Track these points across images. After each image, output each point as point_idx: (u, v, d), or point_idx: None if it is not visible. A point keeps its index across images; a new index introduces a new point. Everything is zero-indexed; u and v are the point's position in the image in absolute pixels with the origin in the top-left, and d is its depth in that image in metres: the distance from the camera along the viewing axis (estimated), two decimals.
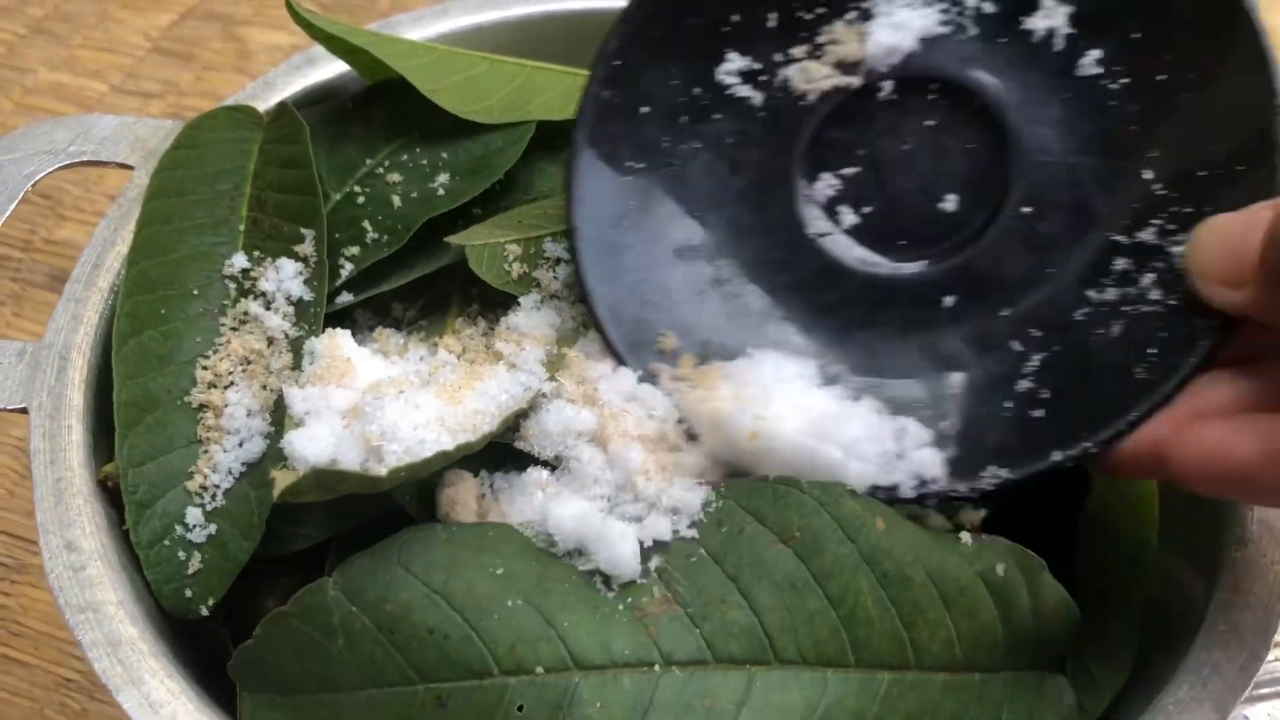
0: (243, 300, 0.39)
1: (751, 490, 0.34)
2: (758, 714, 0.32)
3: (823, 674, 0.33)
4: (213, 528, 0.36)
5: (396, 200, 0.42)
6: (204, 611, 0.36)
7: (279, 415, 0.38)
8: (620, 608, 0.32)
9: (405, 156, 0.43)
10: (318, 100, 0.48)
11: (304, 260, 0.40)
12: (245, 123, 0.44)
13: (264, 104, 0.46)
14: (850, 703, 0.33)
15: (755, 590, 0.33)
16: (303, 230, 0.40)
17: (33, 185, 0.43)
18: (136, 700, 0.33)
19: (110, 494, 0.38)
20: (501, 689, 0.31)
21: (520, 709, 0.31)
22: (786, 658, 0.33)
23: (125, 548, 0.37)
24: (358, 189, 0.43)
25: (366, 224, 0.42)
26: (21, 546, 0.59)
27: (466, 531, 0.34)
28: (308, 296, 0.40)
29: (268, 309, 0.39)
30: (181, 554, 0.36)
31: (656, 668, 0.32)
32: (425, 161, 0.43)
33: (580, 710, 0.31)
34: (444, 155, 0.43)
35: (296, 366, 0.39)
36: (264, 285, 0.40)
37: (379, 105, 0.44)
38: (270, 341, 0.39)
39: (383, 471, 0.32)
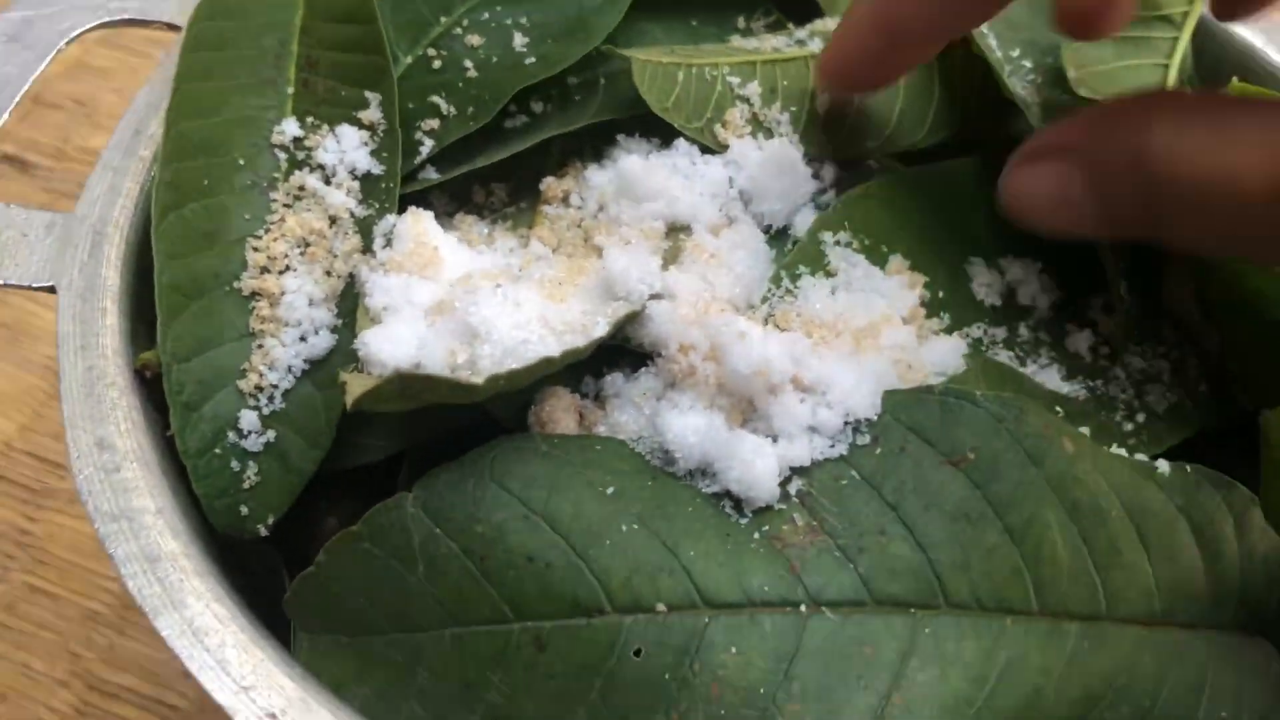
0: (297, 172, 0.33)
1: (915, 402, 0.28)
2: (926, 665, 0.26)
3: (1002, 621, 0.27)
4: (271, 434, 0.31)
5: (478, 67, 0.36)
6: (262, 531, 0.31)
7: (347, 306, 0.32)
8: (756, 536, 0.27)
9: (486, 15, 0.37)
10: None
11: (370, 128, 0.34)
12: None
13: None
14: (1035, 658, 0.27)
15: (921, 520, 0.27)
16: (367, 94, 0.34)
17: (67, 43, 0.37)
18: (178, 626, 0.27)
19: (150, 386, 0.32)
20: (615, 629, 0.26)
21: (638, 654, 0.25)
22: (959, 601, 0.27)
23: (168, 450, 0.31)
24: (431, 52, 0.36)
25: (444, 93, 0.36)
26: (48, 470, 0.54)
27: (571, 444, 0.28)
28: (376, 170, 0.34)
29: (327, 183, 0.33)
30: (235, 464, 0.30)
31: (803, 608, 0.26)
32: (509, 21, 0.37)
33: (712, 656, 0.25)
34: (532, 13, 0.37)
35: (367, 250, 0.33)
36: (322, 156, 0.33)
37: None
38: (333, 221, 0.33)
39: (479, 380, 0.26)
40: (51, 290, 0.32)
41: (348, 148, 0.34)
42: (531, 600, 0.26)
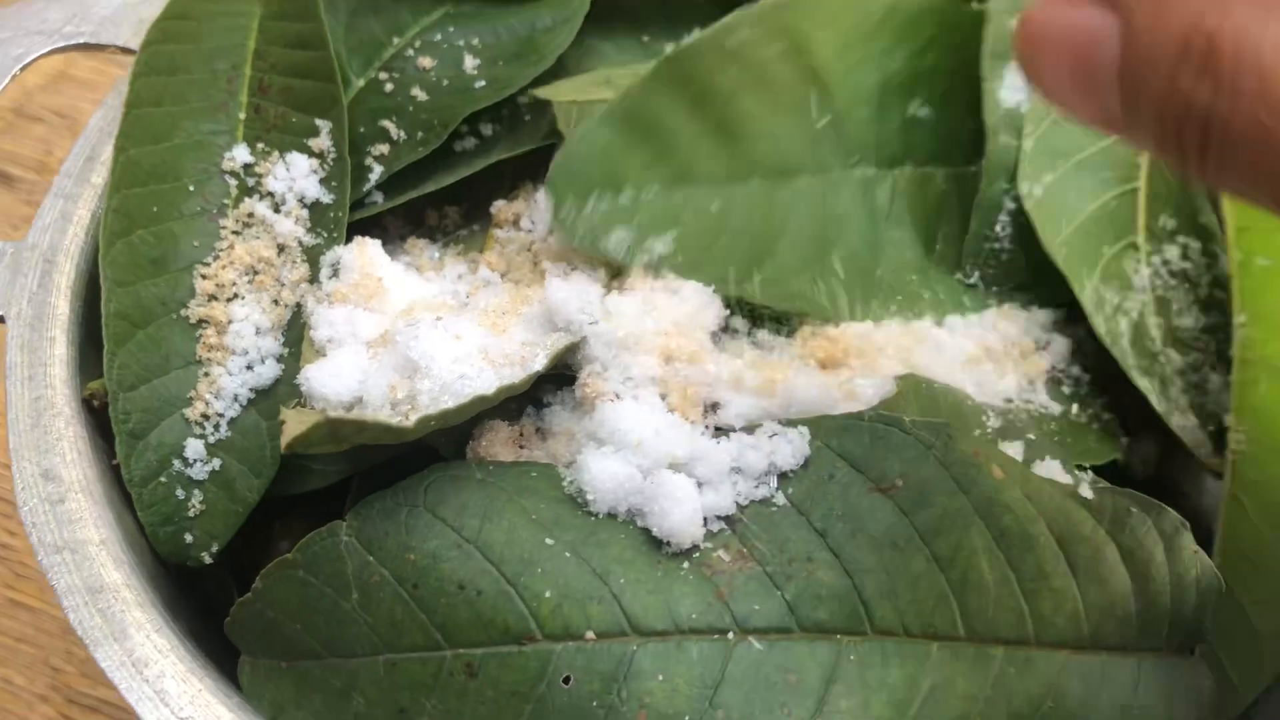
0: (246, 200, 0.33)
1: (844, 429, 0.28)
2: (850, 692, 0.26)
3: (927, 648, 0.27)
4: (216, 463, 0.31)
5: (429, 91, 0.36)
6: (207, 559, 0.31)
7: (294, 335, 0.32)
8: (686, 564, 0.27)
9: (438, 36, 0.37)
10: None
11: (320, 156, 0.34)
12: None
13: None
14: (960, 684, 0.27)
15: (848, 547, 0.27)
16: (317, 122, 0.34)
17: (21, 69, 0.37)
18: (117, 657, 0.27)
19: (97, 417, 0.32)
20: (545, 656, 0.26)
21: (566, 681, 0.26)
22: (885, 627, 0.27)
23: (113, 480, 0.31)
24: (383, 75, 0.36)
25: (394, 118, 0.36)
26: None
27: (506, 472, 0.28)
28: (326, 199, 0.34)
29: (276, 211, 0.33)
30: (180, 492, 0.31)
31: (730, 635, 0.26)
32: (461, 42, 0.37)
33: (639, 684, 0.26)
34: (483, 35, 0.36)
35: (314, 280, 0.33)
36: (272, 184, 0.33)
37: None
38: (281, 249, 0.33)
39: (409, 423, 0.26)
40: (1, 320, 0.32)
41: (297, 175, 0.34)
42: (463, 627, 0.26)
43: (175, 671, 0.27)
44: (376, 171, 0.35)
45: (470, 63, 0.36)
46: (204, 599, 0.33)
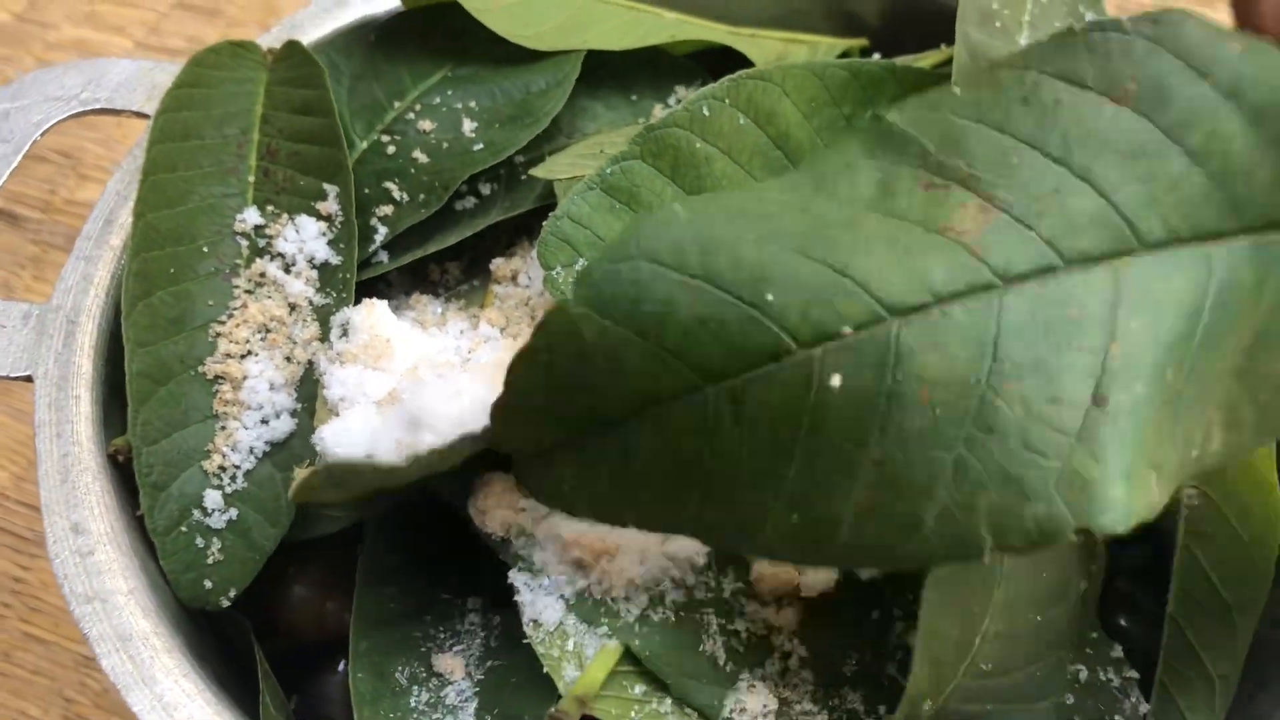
0: (258, 260, 0.35)
1: (1057, 49, 0.26)
2: (1138, 312, 0.24)
3: (1204, 250, 0.25)
4: (233, 512, 0.33)
5: (429, 153, 0.38)
6: (225, 604, 0.33)
7: (307, 391, 0.34)
8: (928, 230, 0.25)
9: (437, 99, 0.39)
10: None
11: (328, 219, 0.36)
12: (247, 60, 0.39)
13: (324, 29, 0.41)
14: (1245, 275, 0.25)
15: (1095, 167, 0.25)
16: (325, 186, 0.36)
17: (42, 134, 0.38)
18: (148, 701, 0.29)
19: (122, 470, 0.34)
20: (807, 364, 0.24)
21: (837, 383, 0.24)
22: (1154, 239, 0.25)
23: (138, 531, 0.33)
24: (385, 138, 0.38)
25: (397, 179, 0.38)
26: (41, 519, 0.55)
27: (708, 202, 0.27)
28: (334, 260, 0.35)
29: (287, 272, 0.35)
30: (200, 541, 0.32)
31: (994, 289, 0.24)
32: (460, 105, 0.39)
33: (912, 361, 0.24)
34: (480, 98, 0.38)
35: (324, 338, 0.34)
36: (282, 245, 0.35)
37: (408, 37, 0.40)
38: (292, 308, 0.35)
39: (401, 463, 0.28)
40: (29, 380, 0.34)
41: (306, 237, 0.35)
42: (718, 360, 0.25)
43: (203, 713, 0.29)
44: (381, 232, 0.37)
45: (468, 125, 0.38)
46: (222, 640, 0.35)
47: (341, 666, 0.37)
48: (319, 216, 0.36)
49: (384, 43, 0.40)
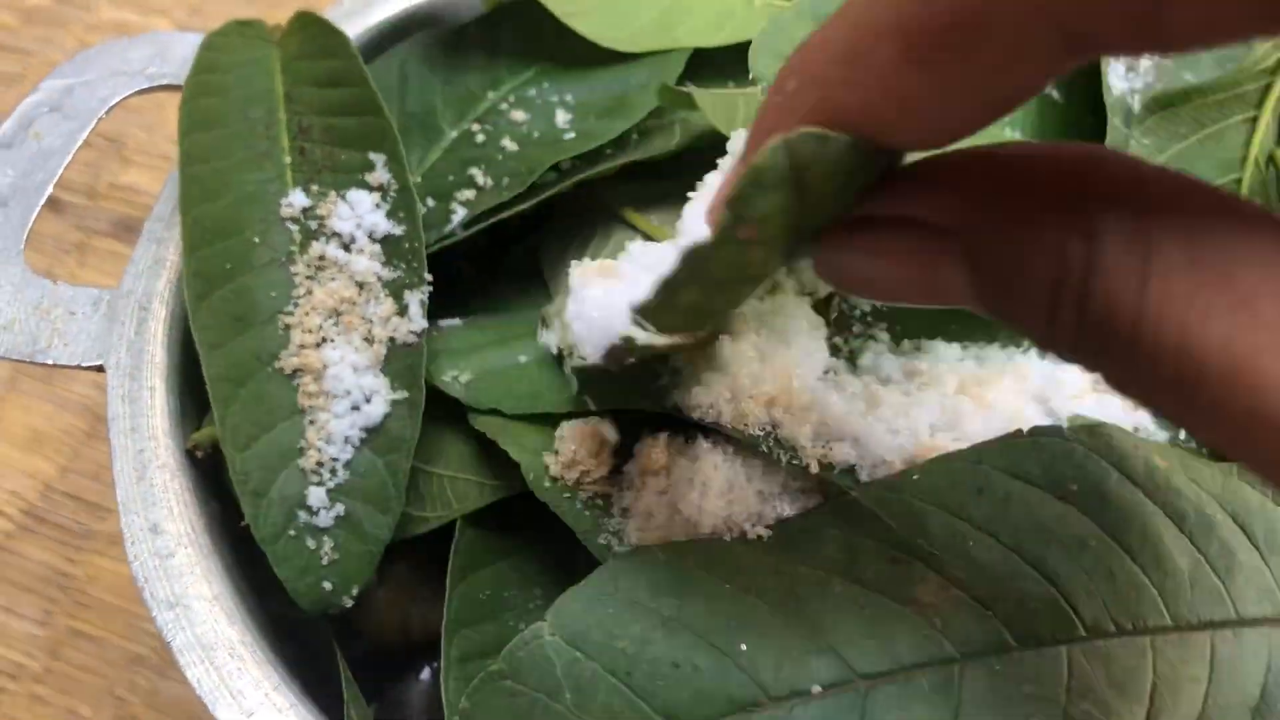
0: (314, 243, 0.33)
1: (1007, 449, 0.28)
2: (1087, 692, 0.26)
3: (1142, 642, 0.27)
4: (340, 508, 0.30)
5: (519, 142, 0.36)
6: (348, 603, 0.31)
7: (395, 368, 0.32)
8: (892, 603, 0.27)
9: (533, 91, 0.37)
10: (421, 25, 0.41)
11: (381, 190, 0.33)
12: (255, 38, 0.36)
13: (359, 26, 0.39)
14: (1184, 671, 0.27)
15: (1045, 557, 0.27)
16: (371, 156, 0.34)
17: (108, 111, 0.36)
18: (236, 717, 0.27)
19: (200, 467, 0.31)
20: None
21: None
22: (1097, 627, 0.27)
23: (219, 532, 0.31)
24: (475, 127, 0.36)
25: (483, 166, 0.36)
26: (88, 510, 0.54)
27: (685, 549, 0.28)
28: (396, 231, 0.33)
29: (347, 250, 0.33)
30: (311, 542, 0.30)
31: (955, 664, 0.26)
32: (555, 98, 0.37)
33: None
34: (577, 91, 0.37)
35: (402, 314, 0.32)
36: (336, 225, 0.33)
37: (504, 30, 0.38)
38: (361, 286, 0.32)
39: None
40: (100, 369, 0.32)
41: (362, 212, 0.33)
42: (687, 706, 0.25)
43: None
44: (460, 214, 0.35)
45: (562, 117, 0.36)
46: (304, 648, 0.33)
47: (425, 673, 0.35)
48: (370, 188, 0.33)
49: (481, 35, 0.38)
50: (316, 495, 0.30)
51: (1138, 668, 0.26)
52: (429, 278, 0.32)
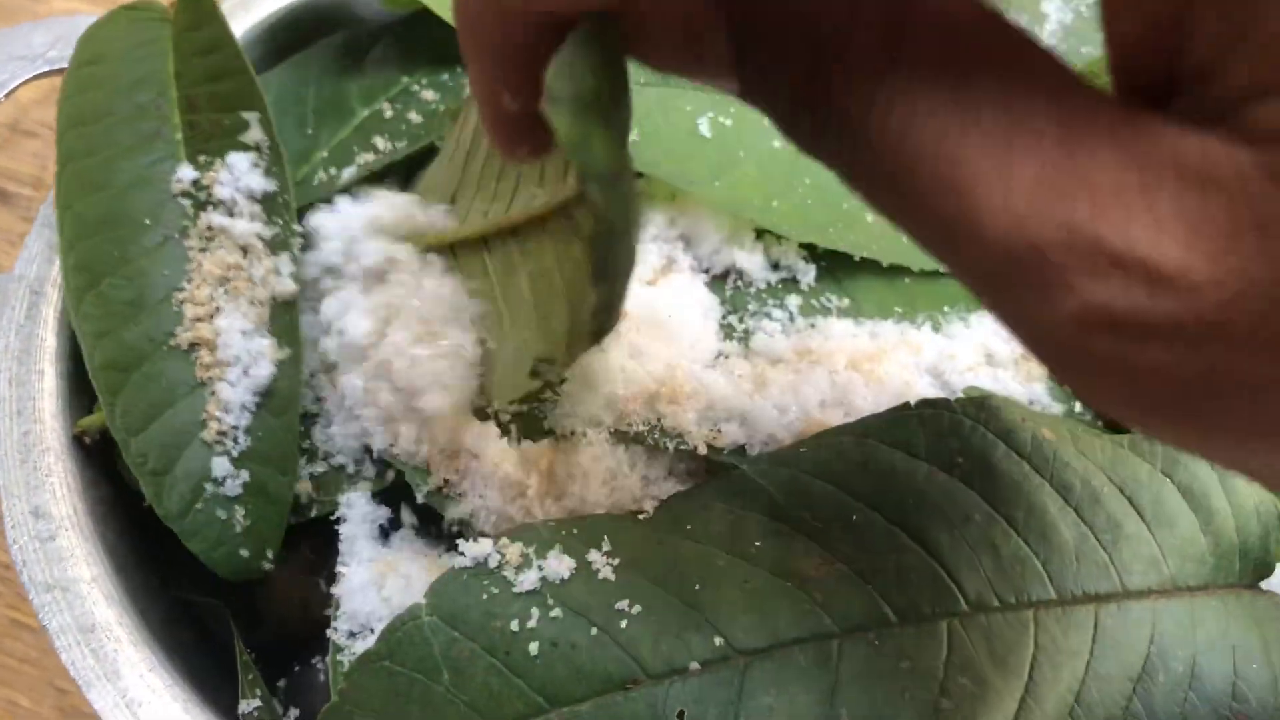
0: (203, 214, 0.33)
1: (893, 422, 0.28)
2: (967, 666, 0.26)
3: (1025, 615, 0.27)
4: (245, 474, 0.31)
5: (425, 115, 0.36)
6: (267, 566, 0.31)
7: (279, 326, 0.32)
8: (773, 576, 0.26)
9: (446, 75, 0.37)
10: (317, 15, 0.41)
11: (255, 148, 0.33)
12: (148, 20, 0.36)
13: (245, 22, 0.39)
14: (1065, 644, 0.27)
15: (927, 530, 0.27)
16: (244, 115, 0.33)
17: (6, 95, 0.36)
18: (110, 698, 0.26)
19: (87, 451, 0.31)
20: (654, 697, 0.25)
21: (681, 716, 0.25)
22: (979, 602, 0.26)
23: (103, 515, 0.30)
24: (387, 105, 0.37)
25: (387, 135, 0.36)
26: None
27: (570, 523, 0.28)
28: (270, 187, 0.33)
29: (231, 216, 0.33)
30: (221, 513, 0.30)
31: (834, 639, 0.26)
32: (465, 80, 0.37)
33: (756, 702, 0.25)
34: None
35: (279, 271, 0.32)
36: (220, 191, 0.33)
37: (422, 33, 0.38)
38: (245, 250, 0.32)
39: None
40: None
41: (240, 173, 0.33)
42: (564, 684, 0.25)
43: (169, 712, 0.26)
44: (350, 172, 0.35)
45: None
46: (200, 631, 0.33)
47: None
48: (246, 148, 0.33)
49: (403, 35, 0.38)
50: (221, 465, 0.30)
51: (1019, 641, 0.26)
52: (299, 229, 0.32)
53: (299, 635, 0.34)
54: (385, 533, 0.31)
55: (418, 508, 0.31)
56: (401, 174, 0.36)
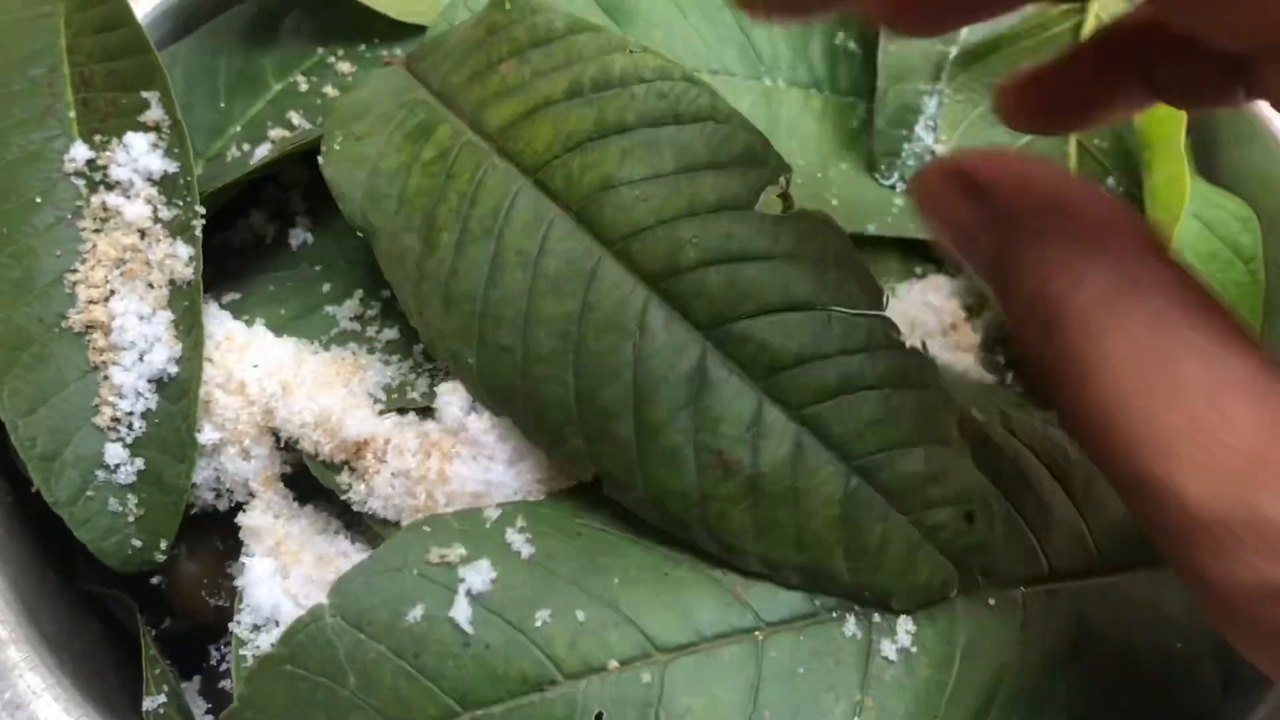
0: (95, 195, 0.31)
1: None
2: (891, 663, 0.25)
3: (951, 604, 0.26)
4: (139, 462, 0.29)
5: (342, 89, 0.35)
6: (160, 558, 0.29)
7: (181, 309, 0.30)
8: (695, 570, 0.25)
9: (362, 46, 0.36)
10: None
11: (155, 129, 0.32)
12: None
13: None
14: (992, 630, 0.26)
15: None
16: (144, 94, 0.32)
17: None
18: None
19: None
20: (570, 698, 0.24)
21: (599, 718, 0.24)
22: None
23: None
24: (301, 79, 0.35)
25: (302, 110, 0.35)
26: None
27: (479, 517, 0.26)
28: (172, 168, 0.31)
29: (127, 197, 0.31)
30: (114, 502, 0.29)
31: (757, 634, 0.25)
32: (385, 52, 0.36)
33: (676, 702, 0.24)
34: (407, 46, 0.36)
35: (178, 254, 0.31)
36: (115, 172, 0.31)
37: (330, 5, 0.36)
38: (143, 233, 0.31)
39: None
40: None
41: (138, 154, 0.31)
42: (477, 686, 0.24)
43: (49, 713, 0.25)
44: (263, 150, 0.34)
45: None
46: (109, 628, 0.32)
47: None
48: (145, 128, 0.32)
49: (312, 6, 0.37)
50: (114, 452, 0.29)
51: (947, 632, 0.25)
52: (201, 210, 0.31)
53: (210, 628, 0.32)
54: (290, 519, 0.30)
55: (324, 492, 0.29)
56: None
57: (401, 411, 0.29)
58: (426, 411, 0.29)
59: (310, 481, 0.30)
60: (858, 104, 0.34)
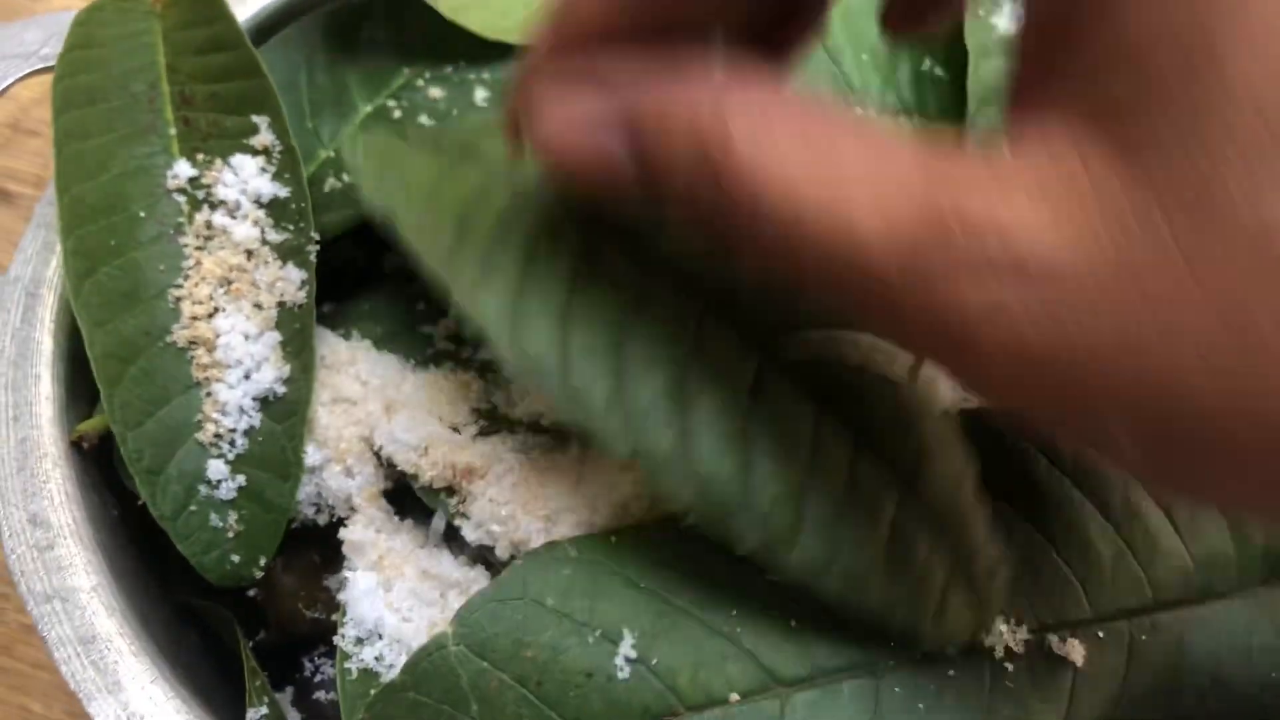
0: (199, 213, 0.32)
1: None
2: (1012, 700, 0.25)
3: (1066, 637, 0.26)
4: (241, 479, 0.30)
5: (436, 118, 0.35)
6: (258, 574, 0.30)
7: (286, 331, 0.31)
8: (814, 604, 0.25)
9: (449, 69, 0.36)
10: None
11: (265, 153, 0.32)
12: (134, 12, 0.35)
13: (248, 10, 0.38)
14: (1105, 663, 0.26)
15: None
16: (254, 119, 0.32)
17: (1, 91, 0.35)
18: (112, 711, 0.26)
19: (85, 457, 0.30)
20: None
21: None
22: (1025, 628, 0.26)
23: (103, 522, 0.30)
24: (391, 103, 0.35)
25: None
26: None
27: (598, 545, 0.26)
28: (282, 193, 0.32)
29: (233, 217, 0.32)
30: (215, 517, 0.29)
31: (875, 670, 0.25)
32: (472, 76, 0.36)
33: None
34: (495, 71, 0.36)
35: (289, 277, 0.31)
36: (222, 192, 0.32)
37: (411, 14, 0.36)
38: (250, 254, 0.31)
39: None
40: None
41: (247, 177, 0.32)
42: (600, 717, 0.24)
43: None
44: None
45: (481, 94, 0.35)
46: (205, 637, 0.32)
47: None
48: (254, 152, 0.32)
49: (391, 13, 0.37)
50: (216, 468, 0.29)
51: (1060, 665, 0.25)
52: (316, 236, 0.31)
53: (305, 639, 0.33)
54: (391, 534, 0.30)
55: (422, 505, 0.30)
56: None
57: (496, 432, 0.30)
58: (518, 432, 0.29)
59: (410, 495, 0.30)
60: (947, 128, 0.35)
